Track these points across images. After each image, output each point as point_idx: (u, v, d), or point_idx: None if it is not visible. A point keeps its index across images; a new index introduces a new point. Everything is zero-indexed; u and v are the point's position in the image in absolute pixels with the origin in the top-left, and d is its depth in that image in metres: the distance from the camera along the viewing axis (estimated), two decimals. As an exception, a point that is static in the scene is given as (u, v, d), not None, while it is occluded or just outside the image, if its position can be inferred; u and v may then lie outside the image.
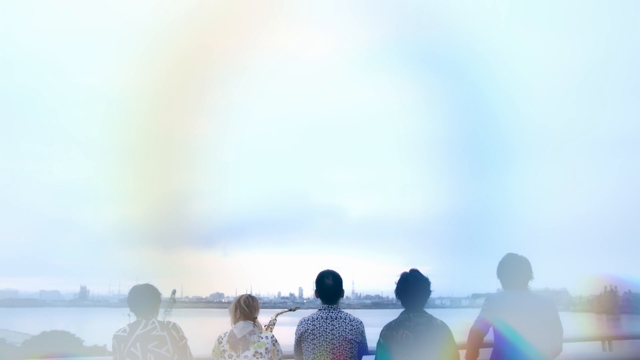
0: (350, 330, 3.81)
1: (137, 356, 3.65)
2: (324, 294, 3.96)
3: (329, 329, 3.80)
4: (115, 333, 3.79)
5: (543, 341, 3.74)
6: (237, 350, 3.86)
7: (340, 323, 3.83)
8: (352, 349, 3.78)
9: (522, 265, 3.93)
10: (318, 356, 3.75)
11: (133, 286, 3.95)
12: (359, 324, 3.90)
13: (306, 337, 3.83)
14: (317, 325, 3.83)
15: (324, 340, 3.77)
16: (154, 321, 3.82)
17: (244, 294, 4.13)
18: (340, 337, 3.77)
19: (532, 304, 3.81)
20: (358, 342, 3.84)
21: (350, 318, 3.89)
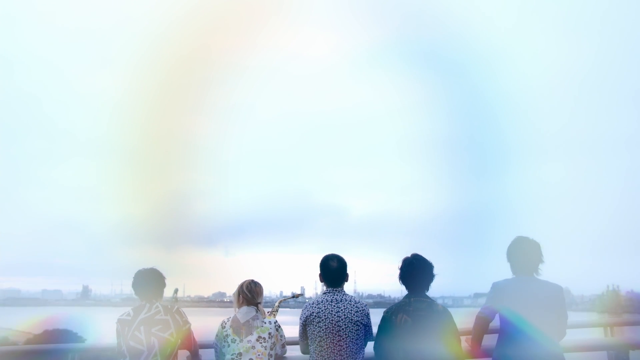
0: (356, 312, 3.79)
1: (140, 340, 3.65)
2: (329, 277, 3.94)
3: (335, 311, 3.78)
4: (120, 317, 3.80)
5: (548, 327, 3.73)
6: (240, 334, 3.84)
7: (345, 305, 3.81)
8: (357, 331, 3.76)
9: (533, 248, 3.90)
10: (324, 339, 3.72)
11: (137, 270, 3.94)
12: (364, 307, 3.88)
13: (312, 320, 3.81)
14: (322, 308, 3.81)
15: (329, 322, 3.74)
16: (157, 305, 3.81)
17: (247, 280, 4.11)
18: (346, 319, 3.75)
19: (538, 290, 3.79)
20: (364, 324, 3.82)
21: (355, 300, 3.88)
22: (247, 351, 3.78)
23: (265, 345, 3.84)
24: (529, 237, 3.96)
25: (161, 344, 3.67)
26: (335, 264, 3.95)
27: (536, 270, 3.89)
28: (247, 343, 3.80)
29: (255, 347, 3.80)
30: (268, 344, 3.86)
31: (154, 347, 3.65)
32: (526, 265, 3.88)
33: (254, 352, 3.78)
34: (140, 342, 3.65)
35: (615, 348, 4.75)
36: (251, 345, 3.80)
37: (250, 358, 3.74)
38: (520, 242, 3.96)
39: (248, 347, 3.79)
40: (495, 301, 3.89)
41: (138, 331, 3.67)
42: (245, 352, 3.77)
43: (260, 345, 3.82)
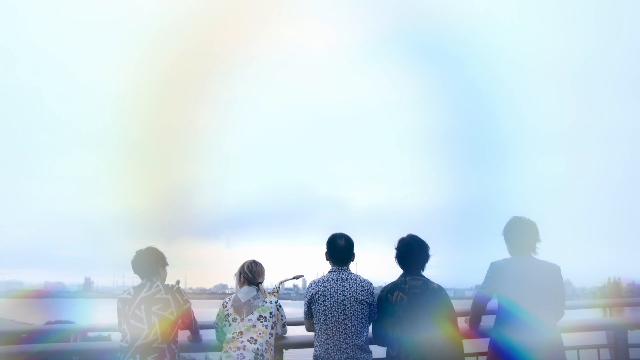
0: (362, 291, 3.80)
1: (141, 318, 3.67)
2: (336, 256, 3.94)
3: (340, 290, 3.79)
4: (120, 296, 3.82)
5: (546, 307, 3.74)
6: (241, 314, 3.87)
7: (351, 284, 3.82)
8: (363, 310, 3.77)
9: (529, 227, 3.91)
10: (329, 317, 3.74)
11: (137, 250, 3.95)
12: (370, 285, 3.88)
13: (317, 299, 3.82)
14: (327, 287, 3.82)
15: (335, 301, 3.75)
16: (158, 284, 3.82)
17: (248, 260, 4.14)
18: (352, 297, 3.76)
19: (536, 270, 3.80)
20: (369, 303, 3.82)
21: (360, 279, 3.88)
22: (248, 330, 3.80)
23: (266, 324, 3.86)
24: (525, 217, 3.97)
25: (161, 322, 3.68)
26: (342, 243, 3.94)
27: (533, 249, 3.90)
28: (248, 322, 3.83)
29: (256, 325, 3.83)
30: (269, 323, 3.88)
31: (155, 325, 3.65)
32: (523, 244, 3.89)
33: (254, 331, 3.80)
34: (140, 320, 3.66)
35: (614, 328, 4.77)
36: (252, 324, 3.82)
37: (251, 337, 3.77)
38: (516, 222, 3.97)
39: (249, 326, 3.81)
40: (493, 281, 3.90)
41: (138, 310, 3.69)
42: (246, 331, 3.79)
43: (261, 324, 3.84)
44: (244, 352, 3.69)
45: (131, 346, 3.61)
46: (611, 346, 4.77)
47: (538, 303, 3.71)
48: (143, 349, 3.60)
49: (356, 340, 3.70)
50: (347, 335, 3.69)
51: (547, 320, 3.72)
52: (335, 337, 3.70)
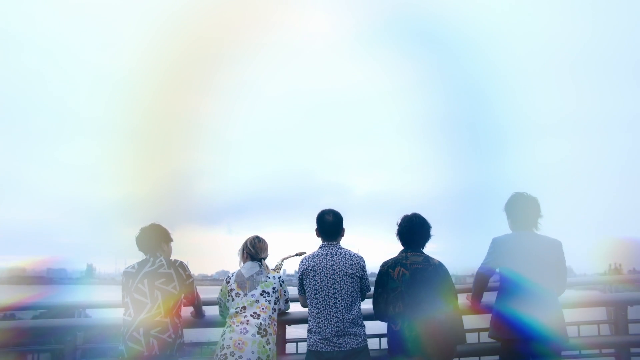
0: (351, 265, 3.83)
1: (144, 292, 3.70)
2: (325, 231, 3.97)
3: (330, 264, 3.82)
4: (125, 269, 3.85)
5: (547, 282, 3.76)
6: (244, 289, 3.89)
7: (340, 259, 3.85)
8: (353, 284, 3.80)
9: (531, 203, 3.92)
10: (320, 292, 3.77)
11: (141, 227, 3.98)
12: (360, 259, 3.91)
13: (307, 274, 3.86)
14: (317, 262, 3.86)
15: (324, 276, 3.79)
16: (161, 259, 3.85)
17: (251, 236, 4.16)
18: (341, 272, 3.79)
19: (538, 245, 3.82)
20: (359, 277, 3.85)
21: (350, 254, 3.91)
22: (251, 305, 3.83)
23: (269, 300, 3.89)
24: (526, 193, 3.98)
25: (164, 296, 3.71)
26: (330, 218, 3.97)
27: (535, 225, 3.91)
28: (251, 297, 3.86)
29: (259, 301, 3.85)
30: (272, 299, 3.91)
31: (157, 299, 3.69)
32: (525, 220, 3.90)
33: (257, 306, 3.83)
34: (143, 294, 3.70)
35: (614, 304, 4.79)
36: (255, 299, 3.85)
37: (254, 312, 3.80)
38: (518, 198, 3.97)
39: (252, 301, 3.84)
40: (495, 257, 3.92)
41: (142, 284, 3.72)
42: (249, 306, 3.82)
43: (264, 299, 3.87)
44: (247, 327, 3.72)
45: (134, 320, 3.64)
46: (611, 322, 4.80)
47: (540, 277, 3.73)
48: (146, 323, 3.63)
49: (346, 314, 3.73)
50: (337, 309, 3.72)
51: (548, 294, 3.74)
52: (325, 311, 3.73)
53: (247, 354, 3.62)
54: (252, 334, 3.69)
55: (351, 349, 3.68)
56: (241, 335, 3.68)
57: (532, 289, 3.70)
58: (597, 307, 4.91)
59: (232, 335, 3.70)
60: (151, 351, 3.57)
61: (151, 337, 3.59)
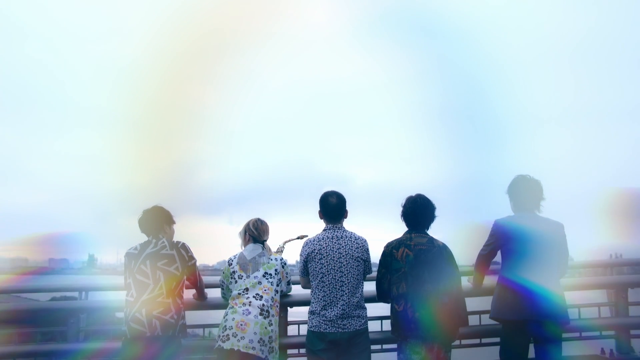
0: (357, 249, 3.83)
1: (146, 273, 3.71)
2: (328, 213, 3.96)
3: (335, 247, 3.82)
4: (127, 251, 3.85)
5: (549, 263, 3.76)
6: (247, 271, 3.90)
7: (346, 242, 3.85)
8: (358, 267, 3.81)
9: (534, 185, 3.91)
10: (326, 275, 3.77)
11: (143, 209, 3.98)
12: (364, 242, 3.91)
13: (313, 257, 3.85)
14: (323, 245, 3.84)
15: (331, 259, 3.78)
16: (163, 241, 3.86)
17: (253, 218, 4.16)
18: (347, 255, 3.79)
19: (540, 227, 3.81)
20: (364, 260, 3.86)
21: (355, 236, 3.91)
22: (254, 286, 3.84)
23: (272, 281, 3.90)
24: (529, 175, 3.98)
25: (166, 277, 3.72)
26: (334, 200, 3.96)
27: (537, 207, 3.91)
28: (253, 279, 3.87)
29: (262, 282, 3.87)
30: (274, 280, 3.92)
31: (160, 280, 3.69)
32: (527, 202, 3.90)
33: (260, 288, 3.84)
34: (146, 275, 3.70)
35: (615, 287, 4.81)
36: (257, 280, 3.86)
37: (256, 293, 3.81)
38: (520, 180, 3.97)
39: (254, 283, 3.85)
40: (497, 238, 3.93)
41: (144, 265, 3.73)
42: (251, 288, 3.83)
43: (266, 280, 3.88)
44: (250, 308, 3.73)
45: (137, 301, 3.65)
46: (612, 304, 4.82)
47: (541, 259, 3.73)
48: (148, 304, 3.63)
49: (352, 297, 3.73)
50: (343, 292, 3.73)
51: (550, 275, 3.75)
52: (332, 294, 3.73)
53: (250, 335, 3.64)
54: (255, 315, 3.70)
55: (354, 330, 3.69)
56: (244, 316, 3.70)
57: (534, 270, 3.71)
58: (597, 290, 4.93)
59: (235, 317, 3.71)
60: (153, 332, 3.58)
61: (153, 318, 3.60)
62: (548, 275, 3.73)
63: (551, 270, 3.77)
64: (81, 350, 4.59)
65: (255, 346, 3.63)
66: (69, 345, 4.60)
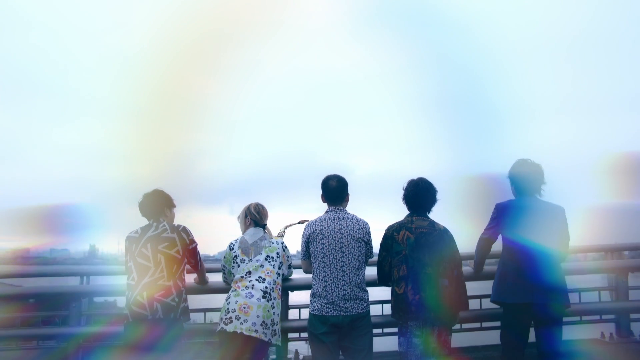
0: (358, 230, 3.84)
1: (147, 257, 3.70)
2: (329, 196, 3.97)
3: (337, 228, 3.82)
4: (128, 235, 3.85)
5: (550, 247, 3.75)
6: (249, 255, 3.91)
7: (347, 223, 3.85)
8: (360, 248, 3.81)
9: (535, 169, 3.90)
10: (327, 255, 3.78)
11: (144, 193, 3.97)
12: (366, 225, 3.91)
13: (314, 238, 3.85)
14: (325, 226, 3.85)
15: (332, 239, 3.79)
16: (164, 224, 3.86)
17: (253, 202, 4.16)
18: (349, 235, 3.79)
19: (541, 211, 3.81)
20: (365, 241, 3.86)
21: (357, 218, 3.91)
22: (256, 270, 3.84)
23: (274, 264, 3.90)
24: (530, 159, 3.96)
25: (167, 260, 3.72)
26: (334, 183, 3.97)
27: (538, 191, 3.90)
28: (256, 262, 3.87)
29: (264, 265, 3.87)
30: (276, 263, 3.93)
31: (161, 263, 3.69)
32: (528, 185, 3.89)
33: (262, 271, 3.84)
34: (147, 258, 3.70)
35: (615, 271, 4.82)
36: (260, 264, 3.86)
37: (259, 276, 3.81)
38: (521, 164, 3.96)
39: (257, 266, 3.85)
40: (498, 222, 3.92)
41: (145, 248, 3.72)
42: (254, 271, 3.84)
43: (268, 264, 3.88)
44: (253, 291, 3.73)
45: (138, 284, 3.65)
46: (612, 288, 4.83)
47: (542, 242, 3.72)
48: (150, 286, 3.63)
49: (354, 278, 3.74)
50: (344, 272, 3.73)
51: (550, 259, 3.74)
52: (333, 274, 3.74)
53: (253, 318, 3.64)
54: (258, 298, 3.71)
55: (356, 313, 3.69)
56: (247, 299, 3.70)
57: (535, 253, 3.71)
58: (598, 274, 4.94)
59: (238, 299, 3.71)
60: (155, 314, 3.58)
61: (155, 301, 3.60)
62: (549, 259, 3.73)
63: (552, 254, 3.76)
64: (83, 334, 4.61)
65: (258, 329, 3.64)
66: (71, 329, 4.62)
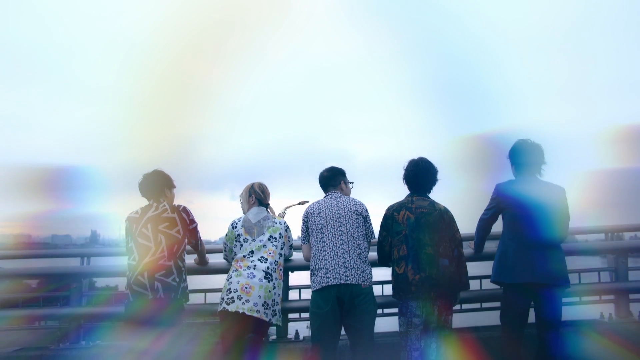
0: (355, 204, 3.94)
1: (148, 237, 3.72)
2: (322, 183, 4.16)
3: (334, 204, 3.93)
4: (128, 215, 3.85)
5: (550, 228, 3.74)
6: (252, 234, 3.90)
7: (344, 200, 3.98)
8: (358, 220, 3.86)
9: (535, 149, 3.88)
10: (325, 226, 3.82)
11: (144, 173, 3.97)
12: (363, 204, 4.01)
13: (312, 214, 3.92)
14: (322, 203, 3.97)
15: (330, 212, 3.87)
16: (165, 204, 3.86)
17: (256, 181, 4.16)
18: (346, 209, 3.89)
19: (541, 191, 3.79)
20: (363, 215, 3.92)
21: (354, 199, 4.02)
22: (259, 249, 3.85)
23: (276, 245, 3.91)
24: (530, 139, 3.94)
25: (168, 240, 3.73)
26: (326, 173, 4.16)
27: (539, 171, 3.88)
28: (259, 242, 3.87)
29: (267, 245, 3.87)
30: (279, 244, 3.93)
31: (161, 243, 3.70)
32: (528, 165, 3.87)
33: (265, 251, 3.85)
34: (147, 238, 3.71)
35: (615, 252, 4.82)
36: (263, 244, 3.87)
37: (261, 256, 3.82)
38: (521, 144, 3.93)
39: (260, 246, 3.86)
40: (498, 202, 3.91)
41: (145, 228, 3.73)
42: (257, 251, 3.84)
43: (271, 244, 3.89)
44: (254, 272, 3.74)
45: (139, 264, 3.67)
46: (612, 269, 4.83)
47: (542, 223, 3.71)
48: (150, 266, 3.65)
49: (354, 249, 3.77)
50: (343, 241, 3.77)
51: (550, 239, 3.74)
52: (332, 244, 3.77)
53: (254, 298, 3.66)
54: (259, 279, 3.72)
55: (357, 283, 3.69)
56: (248, 279, 3.71)
57: (535, 234, 3.70)
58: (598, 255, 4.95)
59: (240, 279, 3.72)
60: (156, 294, 3.61)
61: (155, 281, 3.62)
62: (549, 240, 3.73)
63: (552, 234, 3.76)
64: (84, 314, 4.64)
65: (260, 309, 3.66)
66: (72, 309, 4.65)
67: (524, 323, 3.80)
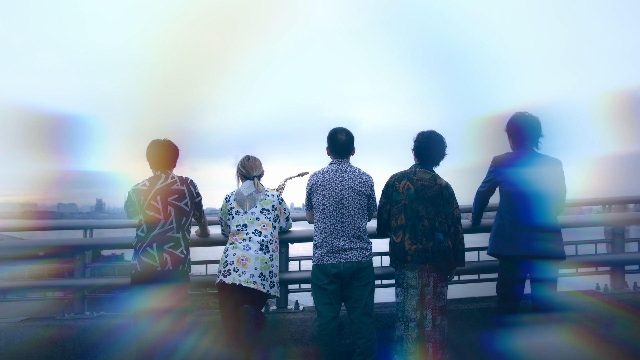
0: (360, 183, 3.86)
1: (157, 208, 3.70)
2: (336, 150, 3.97)
3: (338, 180, 3.85)
4: (134, 187, 3.81)
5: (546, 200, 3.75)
6: (244, 207, 3.94)
7: (349, 175, 3.88)
8: (360, 201, 3.85)
9: (532, 122, 3.87)
10: (327, 207, 3.82)
11: (153, 140, 3.90)
12: (369, 178, 3.94)
13: (316, 189, 3.90)
14: (326, 177, 3.89)
15: (332, 191, 3.83)
16: (173, 175, 3.85)
17: (243, 156, 4.16)
18: (349, 188, 3.83)
19: (538, 164, 3.79)
20: (367, 195, 3.89)
21: (360, 172, 3.93)
22: (252, 222, 3.89)
23: (269, 217, 3.95)
24: (527, 112, 3.93)
25: (177, 212, 3.73)
26: (343, 137, 3.96)
27: (536, 144, 3.88)
28: (251, 215, 3.91)
29: (260, 218, 3.92)
30: (272, 216, 3.97)
31: (170, 215, 3.71)
32: (525, 138, 3.86)
33: (258, 224, 3.90)
34: (157, 210, 3.70)
35: (612, 224, 4.84)
36: (255, 216, 3.91)
37: (255, 229, 3.87)
38: (518, 116, 3.91)
39: (252, 219, 3.90)
40: (495, 175, 3.92)
41: (155, 201, 3.71)
42: (250, 224, 3.89)
43: (264, 216, 3.93)
44: (250, 244, 3.80)
45: (147, 236, 3.68)
46: (608, 241, 4.86)
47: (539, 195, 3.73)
48: (159, 238, 3.67)
49: (353, 230, 3.79)
50: (343, 223, 3.79)
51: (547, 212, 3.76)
52: (333, 225, 3.79)
53: (251, 270, 3.72)
54: (255, 251, 3.77)
55: (357, 261, 3.75)
56: (244, 251, 3.77)
57: (532, 206, 3.73)
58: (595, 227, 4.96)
59: (236, 252, 3.78)
60: (164, 266, 3.63)
61: (164, 252, 3.64)
62: (545, 212, 3.75)
63: (549, 207, 3.79)
64: (88, 285, 4.71)
65: (257, 280, 3.72)
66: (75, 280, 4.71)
67: (520, 295, 3.84)
